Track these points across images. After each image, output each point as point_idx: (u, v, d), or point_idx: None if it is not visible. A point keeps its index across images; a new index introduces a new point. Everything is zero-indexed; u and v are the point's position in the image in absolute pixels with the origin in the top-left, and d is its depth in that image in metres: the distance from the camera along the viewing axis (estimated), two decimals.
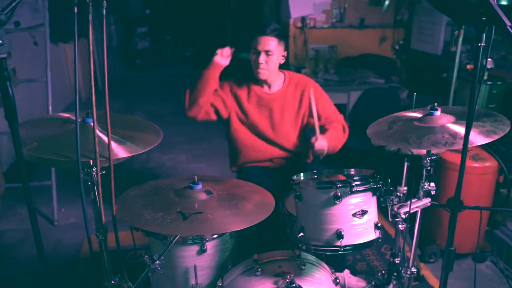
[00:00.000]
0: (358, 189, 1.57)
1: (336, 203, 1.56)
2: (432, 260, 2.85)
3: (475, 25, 1.39)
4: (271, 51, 2.24)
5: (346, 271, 2.53)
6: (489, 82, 2.58)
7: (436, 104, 1.67)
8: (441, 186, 2.74)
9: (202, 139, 4.89)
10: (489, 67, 2.55)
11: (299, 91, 2.41)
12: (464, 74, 2.76)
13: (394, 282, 2.27)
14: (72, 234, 3.12)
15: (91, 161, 1.61)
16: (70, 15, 1.15)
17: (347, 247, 1.59)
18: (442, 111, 1.71)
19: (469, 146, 1.47)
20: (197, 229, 1.37)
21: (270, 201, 1.63)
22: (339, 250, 1.58)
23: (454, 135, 1.57)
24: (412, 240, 2.01)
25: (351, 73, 4.21)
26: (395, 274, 2.25)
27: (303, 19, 4.22)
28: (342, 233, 1.56)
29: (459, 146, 1.54)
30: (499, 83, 2.59)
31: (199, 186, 1.57)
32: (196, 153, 4.58)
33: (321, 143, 2.20)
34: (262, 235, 2.23)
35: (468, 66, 2.77)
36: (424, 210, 1.89)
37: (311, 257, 1.91)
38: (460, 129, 1.61)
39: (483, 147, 2.78)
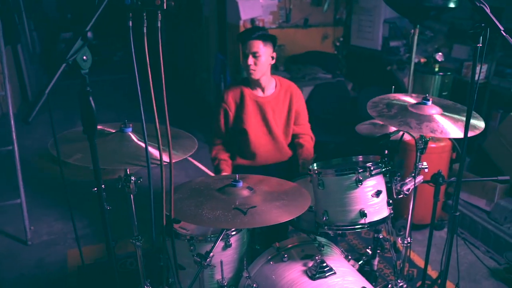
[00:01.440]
0: (375, 172, 1.79)
1: (358, 186, 1.77)
2: (402, 233, 3.20)
3: (428, 23, 1.66)
4: (258, 53, 2.40)
5: None
6: (441, 73, 2.95)
7: (427, 94, 1.94)
8: (405, 166, 3.11)
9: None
10: (439, 60, 2.94)
11: (289, 95, 2.60)
12: (416, 66, 3.12)
13: (378, 256, 2.55)
14: (50, 251, 3.02)
15: (128, 169, 1.66)
16: None
17: (369, 224, 1.81)
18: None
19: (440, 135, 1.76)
20: (259, 221, 1.48)
21: (304, 191, 1.79)
22: (364, 227, 1.80)
23: (444, 125, 1.85)
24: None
25: (300, 70, 4.47)
26: (379, 248, 2.53)
27: (252, 20, 4.40)
28: (365, 212, 1.78)
29: (450, 135, 1.83)
30: (448, 73, 2.99)
31: (241, 184, 1.68)
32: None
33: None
34: (273, 227, 2.37)
35: (422, 60, 3.14)
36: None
37: (324, 239, 2.10)
38: (447, 121, 1.89)
39: None
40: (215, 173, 2.54)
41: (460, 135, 1.81)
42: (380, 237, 2.46)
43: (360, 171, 1.76)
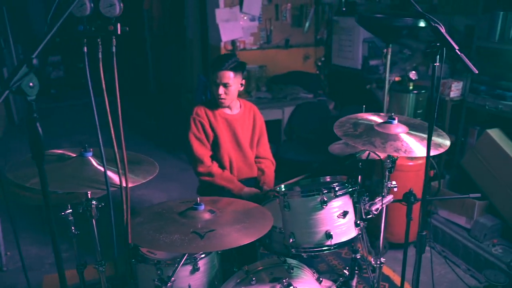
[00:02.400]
0: (340, 193, 1.78)
1: (323, 208, 1.76)
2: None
3: (405, 42, 1.68)
4: (229, 83, 2.46)
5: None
6: (415, 91, 2.98)
7: (392, 114, 1.95)
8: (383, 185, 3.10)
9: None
10: (413, 78, 2.97)
11: (252, 115, 2.70)
12: (392, 85, 3.15)
13: (356, 276, 2.53)
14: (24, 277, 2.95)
15: (89, 194, 1.64)
16: None
17: (335, 246, 1.79)
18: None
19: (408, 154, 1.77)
20: (217, 245, 1.47)
21: (267, 213, 1.78)
22: (330, 249, 1.78)
23: (409, 144, 1.86)
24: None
25: (282, 89, 4.50)
26: (357, 269, 2.51)
27: (233, 42, 4.44)
28: (331, 233, 1.77)
29: (414, 154, 1.84)
30: (423, 91, 3.02)
31: (202, 207, 1.67)
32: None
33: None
34: (242, 250, 2.35)
35: (396, 79, 3.17)
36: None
37: (294, 261, 2.08)
38: (412, 139, 1.90)
39: None
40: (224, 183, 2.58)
41: (425, 153, 1.81)
42: (358, 257, 2.44)
43: (324, 192, 1.76)
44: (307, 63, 4.85)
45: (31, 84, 1.15)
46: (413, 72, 2.97)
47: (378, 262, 2.21)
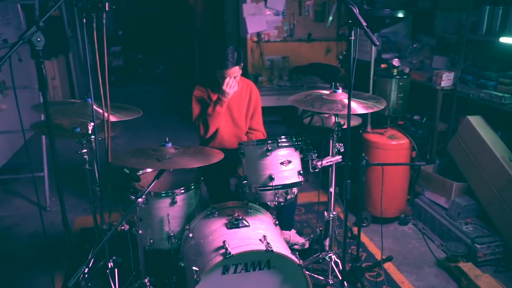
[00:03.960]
0: (283, 145, 2.21)
1: (267, 155, 2.19)
2: (364, 224, 3.50)
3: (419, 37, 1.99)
4: (237, 76, 2.84)
5: (293, 231, 3.14)
6: (398, 77, 3.29)
7: (338, 84, 2.33)
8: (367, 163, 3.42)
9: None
10: (396, 65, 3.28)
11: (249, 91, 3.09)
12: (379, 71, 3.48)
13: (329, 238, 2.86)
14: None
15: (90, 129, 2.20)
16: (49, 35, 1.78)
17: (277, 186, 2.22)
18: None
19: (351, 112, 2.14)
20: (168, 166, 1.97)
21: (221, 154, 2.26)
22: (272, 188, 2.21)
23: (344, 106, 2.24)
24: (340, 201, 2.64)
25: (301, 79, 4.91)
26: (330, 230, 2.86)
27: (258, 34, 4.91)
28: (273, 176, 2.19)
29: (345, 112, 2.21)
30: (405, 77, 3.31)
31: (170, 144, 2.17)
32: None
33: None
34: (219, 197, 2.81)
35: (382, 65, 3.49)
36: (358, 185, 2.53)
37: (256, 206, 2.51)
38: (353, 103, 2.27)
39: (398, 129, 3.49)
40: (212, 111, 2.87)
41: (360, 111, 2.22)
42: (331, 218, 2.75)
43: (269, 142, 2.19)
44: (329, 56, 5.21)
45: (38, 39, 1.70)
46: (396, 59, 3.27)
47: (331, 216, 2.57)
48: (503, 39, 3.07)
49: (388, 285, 2.78)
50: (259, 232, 2.17)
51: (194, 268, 2.03)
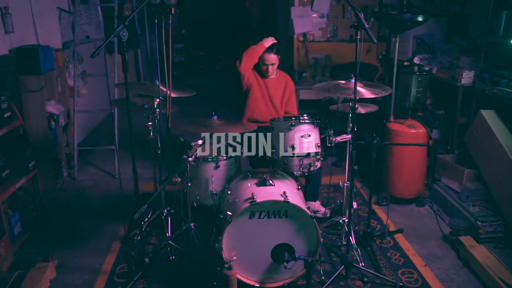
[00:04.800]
0: (304, 121, 2.77)
1: (291, 129, 2.76)
2: (384, 203, 3.95)
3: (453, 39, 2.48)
4: (275, 63, 3.54)
5: (318, 202, 3.68)
6: (418, 73, 3.73)
7: (352, 75, 2.85)
8: (389, 148, 3.88)
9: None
10: (416, 63, 3.72)
11: (284, 81, 3.73)
12: (402, 68, 3.93)
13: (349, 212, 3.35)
14: (128, 184, 4.39)
15: (155, 103, 2.87)
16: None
17: (300, 155, 2.78)
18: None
19: (357, 96, 2.64)
20: (213, 130, 2.61)
21: (253, 125, 2.87)
22: (293, 156, 2.78)
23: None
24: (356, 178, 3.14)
25: (341, 76, 5.38)
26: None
27: (304, 34, 5.46)
28: (295, 146, 2.76)
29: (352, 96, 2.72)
30: (424, 73, 3.75)
31: (215, 117, 2.82)
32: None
33: None
34: (257, 165, 3.42)
35: (405, 63, 3.92)
36: (378, 166, 3.02)
37: (286, 174, 3.07)
38: (361, 90, 2.79)
39: (418, 119, 3.92)
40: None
41: (368, 95, 2.74)
42: (345, 186, 3.24)
43: (293, 118, 2.76)
44: (369, 56, 5.65)
45: (124, 34, 2.38)
46: (416, 57, 3.71)
47: (346, 185, 3.09)
48: None
49: (395, 250, 3.24)
50: (281, 190, 2.74)
51: (228, 212, 2.64)
